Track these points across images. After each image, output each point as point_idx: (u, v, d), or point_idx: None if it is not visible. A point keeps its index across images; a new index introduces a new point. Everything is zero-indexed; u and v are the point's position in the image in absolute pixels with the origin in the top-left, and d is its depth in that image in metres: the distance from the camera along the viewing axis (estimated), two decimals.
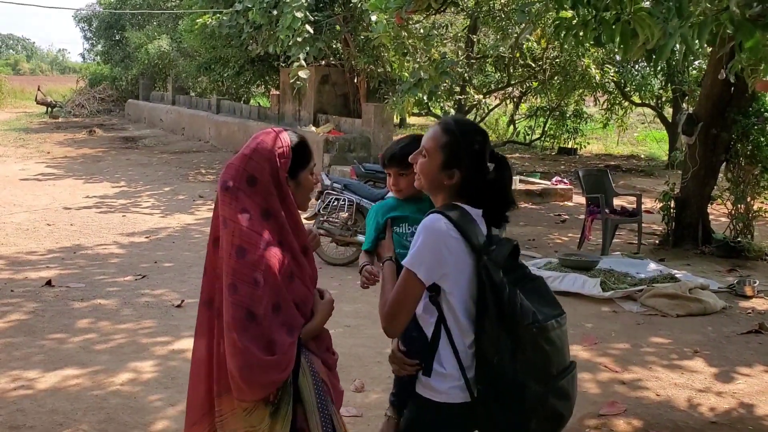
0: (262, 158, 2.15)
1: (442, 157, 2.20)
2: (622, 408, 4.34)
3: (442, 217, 2.13)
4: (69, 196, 11.41)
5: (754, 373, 5.03)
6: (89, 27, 31.78)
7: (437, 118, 12.17)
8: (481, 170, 2.22)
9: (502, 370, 2.09)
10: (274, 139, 2.19)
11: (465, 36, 14.73)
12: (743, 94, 8.36)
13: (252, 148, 2.18)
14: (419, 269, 2.10)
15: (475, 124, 2.41)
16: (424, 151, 2.24)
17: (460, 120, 2.31)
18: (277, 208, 2.14)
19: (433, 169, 2.22)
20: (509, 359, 2.07)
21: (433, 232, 2.12)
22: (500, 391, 2.10)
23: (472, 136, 2.24)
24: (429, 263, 2.11)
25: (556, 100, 17.97)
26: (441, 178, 2.22)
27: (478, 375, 2.15)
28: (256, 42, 13.44)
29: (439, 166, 2.21)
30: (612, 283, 6.78)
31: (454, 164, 2.20)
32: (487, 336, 2.11)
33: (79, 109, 28.80)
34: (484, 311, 2.11)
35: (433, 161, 2.21)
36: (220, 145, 18.41)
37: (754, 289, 6.90)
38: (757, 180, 8.50)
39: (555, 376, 2.12)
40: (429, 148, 2.23)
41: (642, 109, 20.36)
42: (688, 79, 16.04)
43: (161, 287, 6.57)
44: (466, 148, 2.20)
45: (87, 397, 4.23)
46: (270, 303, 2.06)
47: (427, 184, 2.26)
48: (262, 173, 2.13)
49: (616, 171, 16.17)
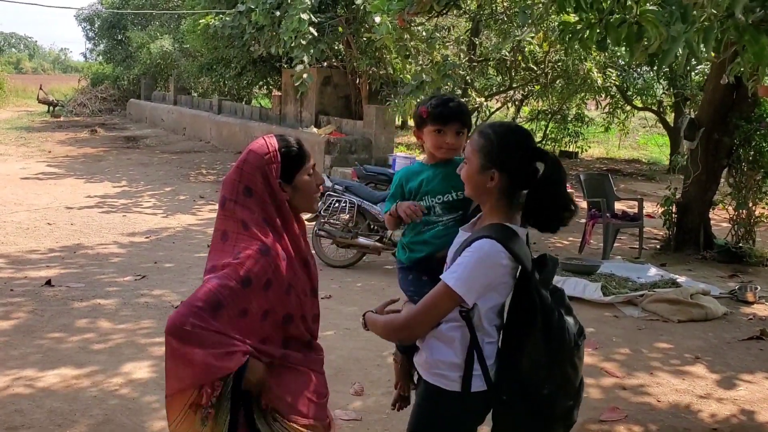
0: (253, 168, 2.13)
1: (479, 160, 2.20)
2: (623, 414, 4.32)
3: (498, 245, 2.10)
4: (70, 195, 11.40)
5: (756, 379, 5.01)
6: (91, 27, 31.81)
7: None
8: (524, 169, 2.19)
9: (536, 385, 2.16)
10: (261, 146, 2.17)
11: (467, 38, 14.73)
12: (745, 100, 8.35)
13: (242, 159, 2.18)
14: (462, 290, 2.11)
15: (513, 125, 2.40)
16: (465, 159, 2.27)
17: (497, 123, 2.34)
18: (274, 218, 2.13)
19: (473, 173, 2.22)
20: (545, 376, 2.15)
21: (488, 260, 2.11)
22: (531, 403, 2.17)
23: (508, 136, 2.24)
24: (477, 288, 2.13)
25: (558, 103, 17.96)
26: (482, 181, 2.21)
27: (506, 385, 2.19)
28: (258, 43, 13.42)
29: (477, 169, 2.21)
30: (613, 287, 6.76)
31: (491, 165, 2.19)
32: (528, 356, 2.15)
33: (81, 108, 28.81)
34: (529, 332, 2.14)
35: (472, 165, 2.22)
36: (222, 146, 18.40)
37: (755, 294, 6.88)
38: (759, 185, 8.48)
39: (578, 389, 2.25)
40: (467, 153, 2.25)
41: (644, 114, 20.36)
42: (690, 83, 16.02)
43: (161, 288, 6.56)
44: (502, 147, 2.20)
45: (85, 398, 4.21)
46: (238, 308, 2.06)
47: (471, 189, 2.26)
48: (256, 183, 2.12)
49: (617, 175, 16.16)
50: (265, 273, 2.08)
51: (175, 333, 1.99)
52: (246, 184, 2.12)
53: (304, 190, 2.20)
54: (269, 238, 2.10)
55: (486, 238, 2.12)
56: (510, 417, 2.23)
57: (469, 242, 2.16)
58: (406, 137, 21.55)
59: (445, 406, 2.25)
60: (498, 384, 2.20)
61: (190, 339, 1.99)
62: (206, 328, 1.99)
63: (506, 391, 2.19)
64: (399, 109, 10.22)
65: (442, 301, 2.15)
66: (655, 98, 18.06)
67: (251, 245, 2.08)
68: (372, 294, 6.57)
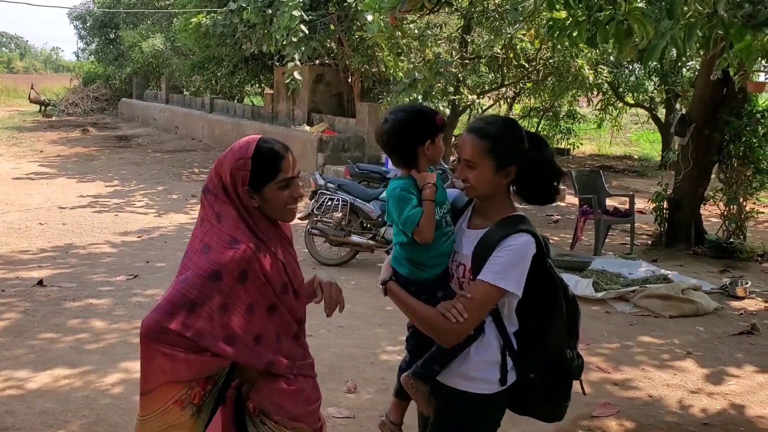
0: (227, 168, 2.12)
1: (493, 162, 2.19)
2: (614, 409, 4.35)
3: (530, 237, 2.16)
4: (62, 195, 11.36)
5: (745, 374, 5.05)
6: (83, 25, 31.62)
7: None
8: (527, 157, 2.23)
9: (563, 355, 2.28)
10: (240, 148, 2.13)
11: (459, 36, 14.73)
12: (735, 96, 8.38)
13: (224, 154, 2.17)
14: (514, 287, 2.14)
15: (503, 118, 2.42)
16: (471, 164, 2.21)
17: (488, 120, 2.30)
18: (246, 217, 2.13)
19: (488, 175, 2.20)
20: (567, 344, 2.30)
21: (526, 253, 2.16)
22: (560, 371, 2.29)
23: (511, 131, 2.25)
24: (522, 282, 2.16)
25: (550, 100, 17.99)
26: (498, 180, 2.22)
27: (534, 364, 2.26)
28: (250, 41, 13.40)
29: (492, 171, 2.20)
30: (604, 283, 6.79)
31: (507, 162, 2.20)
32: (555, 330, 2.26)
33: (73, 107, 28.69)
34: (553, 307, 2.24)
35: (485, 169, 2.20)
36: (214, 144, 18.36)
37: (746, 290, 6.92)
38: (750, 181, 8.52)
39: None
40: (475, 159, 2.20)
41: (635, 110, 20.41)
42: (681, 80, 16.08)
43: (153, 287, 6.55)
44: (511, 144, 2.21)
45: (77, 398, 4.21)
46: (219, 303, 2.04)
47: (486, 190, 2.24)
48: (229, 183, 2.12)
49: (609, 172, 16.20)
50: (238, 265, 2.05)
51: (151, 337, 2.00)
52: (222, 182, 2.13)
53: (273, 202, 2.14)
54: (240, 233, 2.09)
55: (521, 232, 2.16)
56: (542, 391, 2.29)
57: (501, 238, 2.15)
58: None
59: (484, 409, 2.26)
60: (525, 365, 2.26)
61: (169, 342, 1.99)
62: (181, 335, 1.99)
63: (534, 368, 2.26)
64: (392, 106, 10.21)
65: (492, 301, 2.16)
66: (646, 95, 18.11)
67: (221, 238, 2.07)
68: (365, 292, 6.58)
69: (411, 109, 2.34)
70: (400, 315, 2.39)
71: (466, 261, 2.23)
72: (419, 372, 2.28)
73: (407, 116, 2.26)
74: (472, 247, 2.22)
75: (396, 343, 5.23)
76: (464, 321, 2.11)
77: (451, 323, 2.12)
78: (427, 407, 2.30)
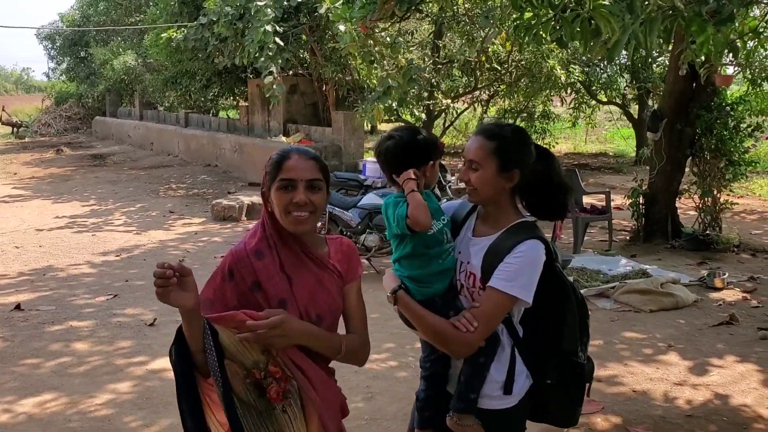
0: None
1: (497, 162, 2.18)
2: (599, 406, 4.38)
3: (540, 243, 2.16)
4: (38, 217, 11.24)
5: (727, 364, 5.11)
6: (53, 45, 31.35)
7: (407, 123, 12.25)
8: (532, 165, 2.23)
9: (577, 358, 2.26)
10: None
11: (431, 42, 14.81)
12: (705, 89, 8.51)
13: None
14: (525, 294, 2.12)
15: (511, 123, 2.42)
16: (474, 164, 2.20)
17: (498, 123, 2.33)
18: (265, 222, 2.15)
19: (491, 176, 2.19)
20: (581, 347, 2.28)
21: (538, 260, 2.15)
22: (577, 375, 2.27)
23: (519, 134, 2.25)
24: (531, 287, 2.14)
25: (524, 101, 18.13)
26: (501, 183, 2.21)
27: (548, 365, 2.25)
28: (222, 54, 13.36)
29: (495, 172, 2.19)
30: (585, 281, 6.85)
31: (511, 166, 2.19)
32: (569, 332, 2.25)
33: (46, 128, 28.42)
34: (566, 310, 2.24)
35: (489, 169, 2.18)
36: (190, 159, 18.26)
37: (723, 280, 7.01)
38: (723, 173, 8.64)
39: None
40: (480, 159, 2.19)
41: (609, 107, 20.63)
42: (652, 76, 16.28)
43: (134, 306, 6.49)
44: (518, 147, 2.21)
45: (60, 423, 4.16)
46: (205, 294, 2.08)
47: (488, 193, 2.22)
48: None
49: (585, 169, 16.36)
50: (227, 263, 2.09)
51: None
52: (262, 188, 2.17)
53: (275, 205, 2.07)
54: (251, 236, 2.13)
55: (532, 239, 2.15)
56: (560, 396, 2.28)
57: (511, 245, 2.14)
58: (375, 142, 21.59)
59: (509, 423, 2.25)
60: (541, 370, 2.25)
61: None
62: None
63: (551, 374, 2.24)
64: (367, 114, 10.22)
65: (503, 309, 2.14)
66: (619, 92, 18.30)
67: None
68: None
69: (415, 130, 2.30)
70: (384, 323, 2.39)
71: (476, 270, 2.20)
72: (460, 407, 2.21)
73: (412, 137, 2.23)
74: (481, 255, 2.19)
75: (381, 351, 5.22)
76: (475, 330, 2.08)
77: (462, 333, 2.09)
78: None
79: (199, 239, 9.56)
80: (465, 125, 22.30)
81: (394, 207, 2.19)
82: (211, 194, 13.37)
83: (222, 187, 14.21)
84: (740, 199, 11.67)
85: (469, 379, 2.19)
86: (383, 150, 2.25)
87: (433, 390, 2.28)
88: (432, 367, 2.28)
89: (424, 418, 2.29)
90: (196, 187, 14.40)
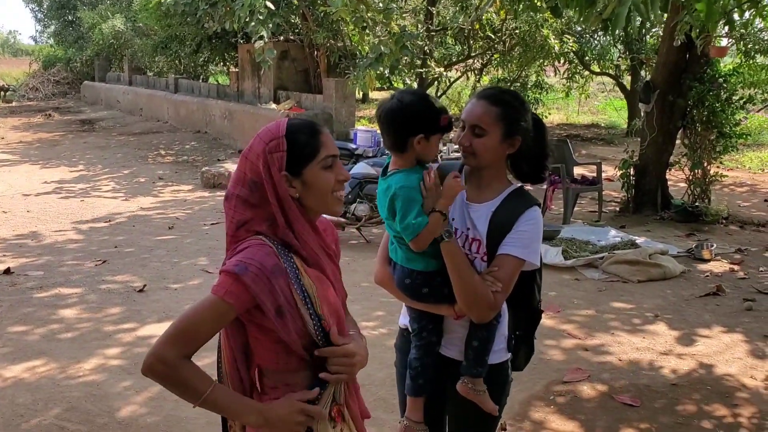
0: (255, 155, 1.76)
1: (502, 129, 2.16)
2: (585, 374, 4.42)
3: (539, 210, 2.22)
4: (25, 182, 11.14)
5: (713, 334, 5.16)
6: (40, 8, 30.83)
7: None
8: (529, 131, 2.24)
9: (537, 305, 2.37)
10: (268, 130, 1.78)
11: (424, 8, 14.64)
12: (698, 61, 8.48)
13: (249, 145, 1.80)
14: (535, 257, 2.19)
15: (508, 89, 2.42)
16: (478, 129, 2.15)
17: (500, 89, 2.29)
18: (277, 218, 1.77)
19: (495, 142, 2.16)
20: (539, 294, 2.37)
21: (540, 224, 2.21)
22: (536, 322, 2.39)
23: (521, 101, 2.24)
24: (539, 252, 2.23)
25: (517, 71, 18.02)
26: (503, 149, 2.19)
27: (519, 318, 2.33)
28: (212, 19, 13.16)
29: (500, 138, 2.17)
30: (574, 251, 6.87)
31: (515, 132, 2.17)
32: (537, 285, 2.35)
33: (34, 92, 28.06)
34: (540, 268, 2.31)
35: (494, 135, 2.16)
36: (179, 125, 18.11)
37: (711, 252, 7.06)
38: (713, 145, 8.65)
39: None
40: (485, 124, 2.15)
41: (602, 78, 20.54)
42: (646, 47, 16.19)
43: (122, 273, 6.47)
44: (522, 113, 2.20)
45: (48, 388, 4.16)
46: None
47: (490, 159, 2.19)
48: (258, 174, 1.75)
49: (577, 140, 16.35)
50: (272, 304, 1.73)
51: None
52: (251, 176, 1.76)
53: (317, 187, 1.77)
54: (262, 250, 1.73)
55: (535, 206, 2.20)
56: (525, 345, 2.38)
57: (519, 214, 2.16)
58: (367, 110, 21.46)
59: (503, 377, 2.33)
60: (513, 324, 2.33)
61: None
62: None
63: (520, 325, 2.34)
64: (359, 81, 10.13)
65: (518, 274, 2.17)
66: (612, 63, 18.21)
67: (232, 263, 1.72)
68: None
69: (421, 95, 2.19)
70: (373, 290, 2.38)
71: (481, 237, 2.18)
72: (478, 372, 2.21)
73: (414, 101, 2.10)
74: (485, 222, 2.18)
75: (370, 318, 5.24)
76: (499, 292, 2.11)
77: (489, 294, 2.09)
78: (491, 402, 2.24)
79: (188, 206, 9.51)
80: (458, 94, 22.16)
81: (410, 207, 2.07)
82: (200, 161, 13.28)
83: (211, 154, 14.12)
84: (730, 172, 11.72)
85: (485, 342, 2.20)
86: (382, 111, 2.12)
87: (428, 357, 2.29)
88: (428, 336, 2.28)
89: (419, 385, 2.30)
90: (186, 154, 14.31)
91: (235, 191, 1.78)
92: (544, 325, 5.20)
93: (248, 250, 1.72)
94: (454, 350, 2.28)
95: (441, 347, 2.30)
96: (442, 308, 2.22)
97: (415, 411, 2.33)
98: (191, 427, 3.72)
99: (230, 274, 1.68)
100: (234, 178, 1.81)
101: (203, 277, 6.33)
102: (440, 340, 2.29)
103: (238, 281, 1.67)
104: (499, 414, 2.32)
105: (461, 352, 2.25)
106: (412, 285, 2.21)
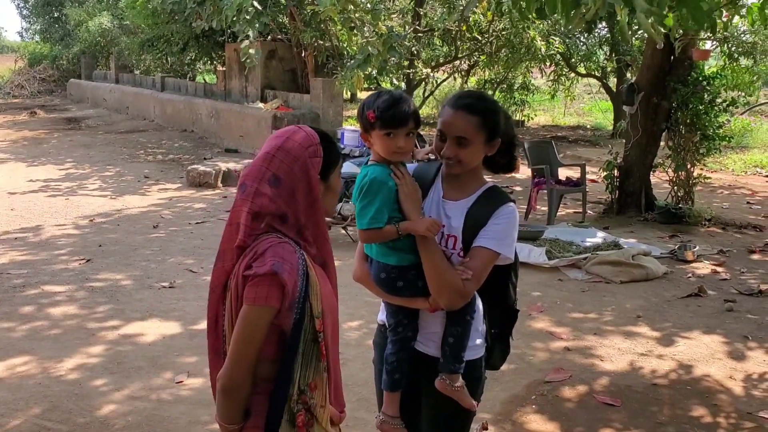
0: (290, 157, 1.87)
1: (485, 135, 2.22)
2: (567, 374, 4.45)
3: (514, 205, 2.27)
4: (10, 180, 11.06)
5: (694, 335, 5.21)
6: (26, 4, 30.61)
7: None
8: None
9: (513, 304, 2.41)
10: (304, 137, 1.91)
11: (412, 9, 14.68)
12: (682, 63, 8.55)
13: (276, 146, 1.90)
14: (509, 251, 2.22)
15: (474, 91, 2.49)
16: (463, 141, 2.19)
17: (473, 95, 2.32)
18: (298, 215, 1.89)
19: (479, 149, 2.24)
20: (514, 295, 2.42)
21: (517, 221, 2.27)
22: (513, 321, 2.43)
23: (494, 103, 2.31)
24: (514, 246, 2.27)
25: (504, 72, 18.10)
26: (485, 152, 2.27)
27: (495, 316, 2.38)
28: (200, 17, 13.13)
29: (483, 144, 2.23)
30: (557, 251, 6.91)
31: (495, 135, 2.25)
32: (513, 284, 2.39)
33: (19, 90, 27.83)
34: (515, 265, 2.36)
35: (478, 144, 2.22)
36: (166, 124, 18.03)
37: (694, 253, 7.12)
38: (697, 147, 8.71)
39: None
40: (470, 135, 2.19)
41: (588, 80, 20.66)
42: (631, 48, 16.30)
43: (107, 271, 6.45)
44: (497, 115, 2.25)
45: (30, 386, 4.15)
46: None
47: (474, 164, 2.27)
48: (288, 174, 1.86)
49: (562, 142, 16.42)
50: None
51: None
52: (275, 173, 1.86)
53: (334, 191, 2.00)
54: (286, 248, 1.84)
55: (511, 203, 2.26)
56: (501, 343, 2.42)
57: (494, 208, 2.22)
58: (355, 110, 21.44)
59: (479, 372, 2.36)
60: (489, 321, 2.36)
61: None
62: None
63: (496, 323, 2.38)
64: (346, 81, 10.14)
65: (491, 266, 2.21)
66: (598, 65, 18.32)
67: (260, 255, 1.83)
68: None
69: (373, 94, 2.25)
70: (358, 290, 2.40)
71: (457, 233, 2.23)
72: (455, 368, 2.25)
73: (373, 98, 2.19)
74: (461, 218, 2.24)
75: (354, 318, 5.26)
76: (469, 280, 2.14)
77: (459, 280, 2.13)
78: (469, 398, 2.28)
79: (174, 205, 9.49)
80: (445, 95, 22.22)
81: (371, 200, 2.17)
82: (187, 160, 13.24)
83: (198, 152, 14.08)
84: (714, 174, 11.83)
85: (460, 338, 2.24)
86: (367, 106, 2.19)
87: (403, 352, 2.32)
88: (403, 331, 2.32)
89: (395, 380, 2.33)
90: (172, 153, 14.25)
91: (253, 184, 1.87)
92: (527, 325, 5.24)
93: (273, 249, 1.81)
94: (429, 346, 2.31)
95: (416, 343, 2.33)
96: (417, 302, 2.25)
97: (391, 406, 2.36)
98: (173, 427, 3.72)
99: (268, 275, 1.77)
100: (252, 172, 1.89)
101: (188, 276, 6.33)
102: (416, 335, 2.32)
103: (275, 280, 1.77)
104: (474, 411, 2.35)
105: (437, 348, 2.28)
106: (387, 279, 2.25)
